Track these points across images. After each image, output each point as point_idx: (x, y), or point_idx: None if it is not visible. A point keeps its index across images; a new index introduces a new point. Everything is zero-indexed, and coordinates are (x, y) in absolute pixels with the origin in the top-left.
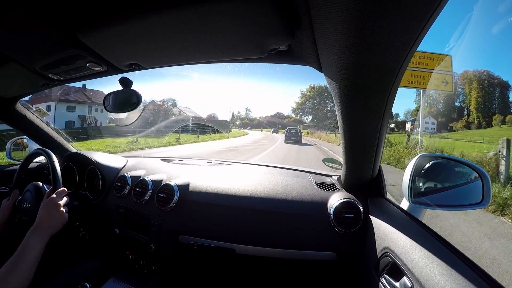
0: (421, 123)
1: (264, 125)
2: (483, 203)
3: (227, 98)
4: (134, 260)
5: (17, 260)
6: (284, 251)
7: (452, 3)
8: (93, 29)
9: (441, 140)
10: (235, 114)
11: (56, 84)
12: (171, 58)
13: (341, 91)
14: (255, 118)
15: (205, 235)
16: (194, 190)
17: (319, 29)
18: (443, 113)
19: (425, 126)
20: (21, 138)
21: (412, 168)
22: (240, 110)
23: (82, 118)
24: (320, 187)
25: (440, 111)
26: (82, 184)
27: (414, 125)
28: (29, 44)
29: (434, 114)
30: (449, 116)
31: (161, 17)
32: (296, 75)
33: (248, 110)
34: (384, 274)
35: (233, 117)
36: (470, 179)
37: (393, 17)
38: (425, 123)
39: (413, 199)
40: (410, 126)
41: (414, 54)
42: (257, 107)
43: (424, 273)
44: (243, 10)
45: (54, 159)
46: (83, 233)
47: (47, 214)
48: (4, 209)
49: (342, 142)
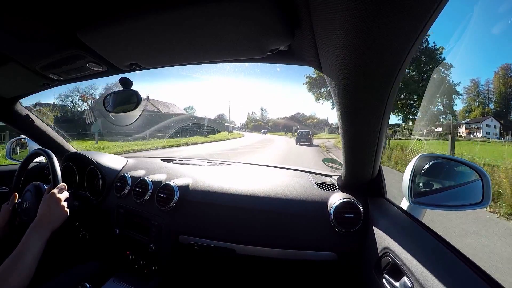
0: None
1: (282, 128)
2: (483, 203)
3: (243, 98)
4: (134, 260)
5: (18, 257)
6: (284, 251)
7: (452, 3)
8: (93, 29)
9: None
10: (250, 115)
11: (56, 84)
12: (171, 58)
13: (341, 91)
14: (271, 119)
15: (205, 235)
16: (194, 190)
17: (319, 29)
18: (499, 113)
19: (485, 131)
20: (21, 138)
21: (412, 168)
22: (254, 111)
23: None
24: (320, 187)
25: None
26: (82, 184)
27: (471, 129)
28: (29, 44)
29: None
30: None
31: (161, 17)
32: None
33: (264, 111)
34: (384, 274)
35: (248, 118)
36: (470, 179)
37: (393, 17)
38: (486, 127)
39: (413, 199)
40: (465, 131)
41: (414, 54)
42: (274, 107)
43: (424, 273)
44: (243, 10)
45: (54, 159)
46: (83, 233)
47: (48, 209)
48: (4, 212)
49: (342, 142)
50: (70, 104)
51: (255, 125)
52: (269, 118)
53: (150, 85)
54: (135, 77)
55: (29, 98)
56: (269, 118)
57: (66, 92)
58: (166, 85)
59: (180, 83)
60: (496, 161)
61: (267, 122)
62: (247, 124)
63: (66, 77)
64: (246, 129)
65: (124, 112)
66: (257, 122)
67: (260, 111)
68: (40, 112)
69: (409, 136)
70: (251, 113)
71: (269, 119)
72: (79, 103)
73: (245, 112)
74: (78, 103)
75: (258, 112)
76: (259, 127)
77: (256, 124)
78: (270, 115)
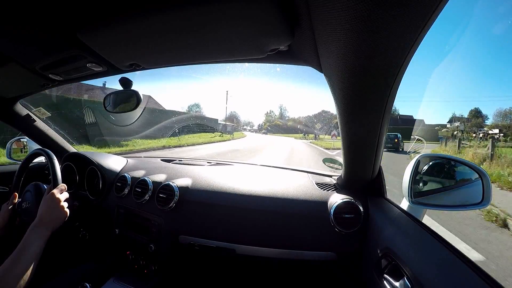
0: None
1: (299, 129)
2: (483, 203)
3: (261, 98)
4: (134, 260)
5: (18, 258)
6: (284, 251)
7: (452, 3)
8: (93, 30)
9: None
10: (268, 114)
11: (56, 84)
12: (171, 58)
13: (341, 91)
14: (291, 118)
15: (205, 235)
16: (194, 190)
17: (319, 29)
18: None
19: None
20: (21, 138)
21: (412, 168)
22: (273, 109)
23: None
24: (320, 187)
25: None
26: (82, 184)
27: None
28: (29, 44)
29: None
30: None
31: (161, 17)
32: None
33: (284, 109)
34: (384, 274)
35: (266, 118)
36: (470, 179)
37: (393, 17)
38: None
39: (413, 199)
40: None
41: (414, 54)
42: (295, 106)
43: (424, 273)
44: (243, 10)
45: (54, 159)
46: (83, 233)
47: (48, 209)
48: (4, 212)
49: (342, 142)
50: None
51: (271, 126)
52: (289, 116)
53: (150, 85)
54: (135, 77)
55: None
56: (289, 116)
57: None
58: (170, 85)
59: (191, 84)
60: None
61: (286, 122)
62: (263, 125)
63: (66, 77)
64: (262, 129)
65: (124, 112)
66: (274, 122)
67: (279, 109)
68: (40, 112)
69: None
70: (268, 112)
71: (289, 118)
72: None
73: (264, 112)
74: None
75: (277, 111)
76: (274, 128)
77: (272, 125)
78: (290, 114)
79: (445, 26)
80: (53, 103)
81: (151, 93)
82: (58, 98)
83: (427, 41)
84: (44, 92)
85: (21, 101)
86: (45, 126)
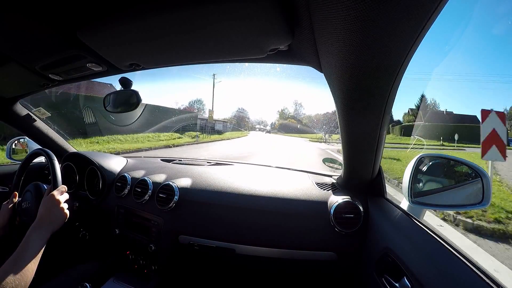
0: None
1: (316, 128)
2: (483, 203)
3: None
4: (134, 260)
5: (18, 258)
6: (284, 251)
7: (452, 3)
8: (93, 29)
9: None
10: (281, 111)
11: (56, 84)
12: (171, 58)
13: (341, 91)
14: (306, 115)
15: (205, 235)
16: (194, 190)
17: (319, 29)
18: None
19: None
20: (21, 138)
21: (412, 168)
22: (287, 106)
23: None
24: (320, 187)
25: None
26: (82, 184)
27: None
28: (29, 44)
29: None
30: None
31: (161, 17)
32: None
33: (299, 105)
34: (384, 274)
35: (280, 115)
36: (470, 179)
37: (393, 17)
38: None
39: (413, 199)
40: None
41: (414, 54)
42: (311, 102)
43: (424, 273)
44: (243, 10)
45: (55, 160)
46: (83, 233)
47: (48, 211)
48: (4, 212)
49: (342, 142)
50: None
51: (283, 124)
52: (305, 114)
53: (151, 85)
54: (135, 77)
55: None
56: (305, 114)
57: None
58: (174, 85)
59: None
60: None
61: (301, 119)
62: (275, 124)
63: (66, 77)
64: (274, 129)
65: (124, 112)
66: (288, 119)
67: (294, 105)
68: (40, 112)
69: None
70: (282, 108)
71: (305, 115)
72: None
73: (276, 110)
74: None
75: (292, 108)
76: (286, 127)
77: (285, 123)
78: (306, 111)
79: (445, 26)
80: (70, 100)
81: (151, 93)
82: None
83: (427, 41)
84: (47, 92)
85: (21, 101)
86: (45, 126)
